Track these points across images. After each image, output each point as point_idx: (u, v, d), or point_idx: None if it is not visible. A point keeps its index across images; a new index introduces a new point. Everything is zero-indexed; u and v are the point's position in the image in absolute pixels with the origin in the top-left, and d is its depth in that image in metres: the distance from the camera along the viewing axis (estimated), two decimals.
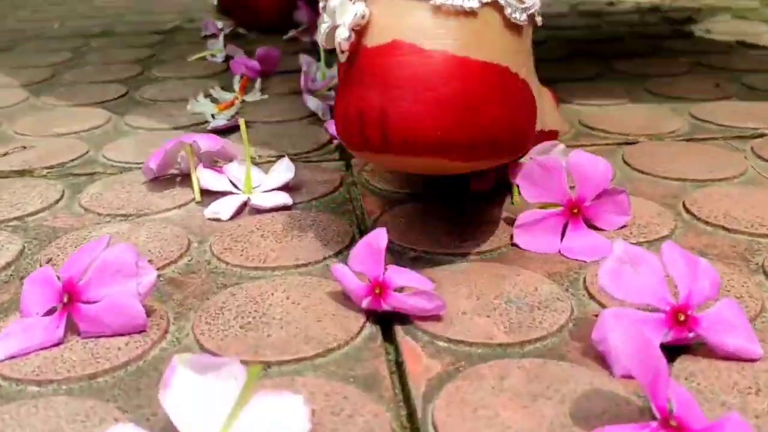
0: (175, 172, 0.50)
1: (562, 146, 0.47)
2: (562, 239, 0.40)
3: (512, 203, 0.45)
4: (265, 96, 0.68)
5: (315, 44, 0.88)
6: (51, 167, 0.53)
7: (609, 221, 0.41)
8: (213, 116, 0.62)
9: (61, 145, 0.57)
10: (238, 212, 0.45)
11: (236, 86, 0.68)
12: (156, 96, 0.69)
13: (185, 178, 0.49)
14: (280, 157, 0.52)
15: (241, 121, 0.46)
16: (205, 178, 0.47)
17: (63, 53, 0.87)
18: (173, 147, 0.47)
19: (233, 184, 0.47)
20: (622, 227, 0.41)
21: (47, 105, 0.67)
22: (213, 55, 0.82)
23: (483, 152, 0.35)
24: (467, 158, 0.35)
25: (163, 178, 0.50)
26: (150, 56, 0.84)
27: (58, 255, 0.40)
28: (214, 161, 0.51)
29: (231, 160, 0.50)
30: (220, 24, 0.95)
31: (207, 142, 0.47)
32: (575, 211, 0.40)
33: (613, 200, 0.41)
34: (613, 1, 1.09)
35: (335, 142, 0.56)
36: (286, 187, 0.47)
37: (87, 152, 0.55)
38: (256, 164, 0.52)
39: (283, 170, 0.47)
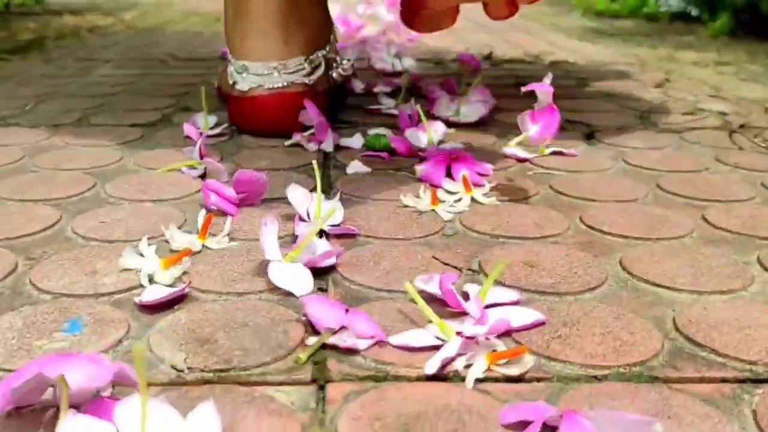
0: (48, 398, 0.32)
1: (658, 427, 0.28)
2: None
3: None
4: (234, 243, 0.50)
5: (323, 154, 0.70)
6: None
7: None
8: (151, 279, 0.44)
9: None
10: None
11: (199, 224, 0.51)
12: (90, 231, 0.51)
13: (58, 414, 0.31)
14: (219, 373, 0.34)
15: (136, 351, 0.28)
16: None
17: (13, 150, 0.71)
18: (28, 382, 0.29)
19: None
20: None
21: None
22: (193, 167, 0.65)
23: None
24: None
25: (25, 411, 0.32)
26: (114, 162, 0.68)
27: None
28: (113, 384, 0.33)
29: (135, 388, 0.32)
30: (212, 120, 0.78)
31: (83, 374, 0.29)
32: None
33: None
34: (693, 112, 0.91)
35: (310, 342, 0.37)
36: None
37: None
38: (181, 384, 0.34)
39: (203, 428, 0.29)
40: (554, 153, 0.71)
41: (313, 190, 0.55)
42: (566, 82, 1.10)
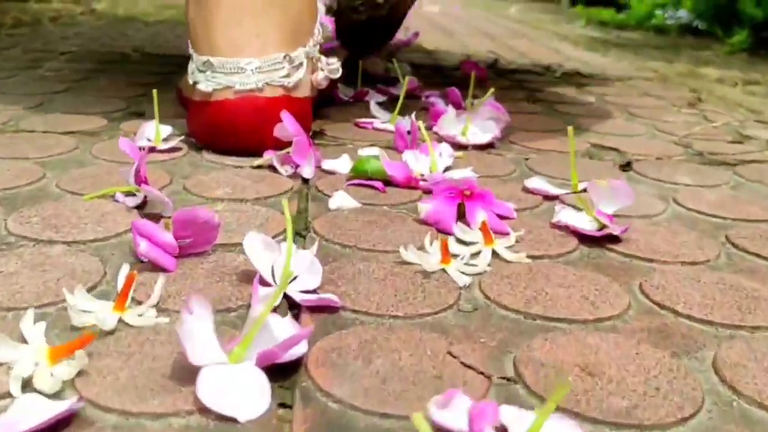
0: None
1: None
2: None
3: None
4: (163, 319, 0.35)
5: (302, 180, 0.56)
6: None
7: None
8: (26, 383, 0.29)
9: None
10: None
11: (120, 284, 0.36)
12: None
13: None
14: None
15: None
16: None
17: None
18: None
19: None
20: None
21: None
22: (131, 193, 0.50)
23: None
24: None
25: None
26: (30, 183, 0.53)
27: None
28: None
29: None
30: (166, 131, 0.63)
31: None
32: None
33: None
34: (741, 141, 0.77)
35: None
36: None
37: None
38: None
39: None
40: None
41: (280, 236, 0.40)
42: (584, 97, 0.96)
